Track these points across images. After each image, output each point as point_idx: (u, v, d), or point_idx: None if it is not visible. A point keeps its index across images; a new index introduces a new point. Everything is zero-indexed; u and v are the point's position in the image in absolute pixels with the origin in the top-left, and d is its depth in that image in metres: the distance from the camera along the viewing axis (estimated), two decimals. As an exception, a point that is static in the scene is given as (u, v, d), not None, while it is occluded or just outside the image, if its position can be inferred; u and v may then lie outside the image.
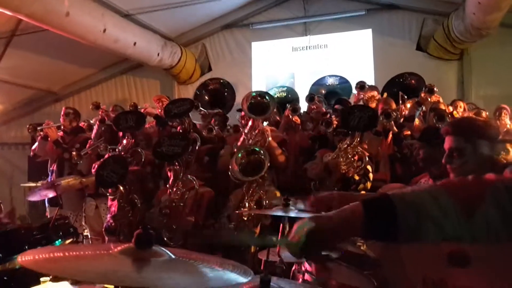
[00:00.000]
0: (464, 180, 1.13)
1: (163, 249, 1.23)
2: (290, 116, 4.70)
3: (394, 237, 1.07)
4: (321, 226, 1.11)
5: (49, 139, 5.23)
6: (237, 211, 3.57)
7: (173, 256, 1.22)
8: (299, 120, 4.82)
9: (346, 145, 3.66)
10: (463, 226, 1.05)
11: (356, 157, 3.65)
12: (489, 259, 1.40)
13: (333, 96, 6.64)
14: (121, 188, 3.85)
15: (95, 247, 1.53)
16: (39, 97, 8.73)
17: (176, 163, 3.71)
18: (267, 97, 3.97)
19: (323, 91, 6.96)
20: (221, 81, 7.37)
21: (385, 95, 5.71)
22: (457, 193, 1.08)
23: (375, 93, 5.36)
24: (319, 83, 7.16)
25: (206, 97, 7.24)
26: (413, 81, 6.40)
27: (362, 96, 5.41)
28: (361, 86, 5.52)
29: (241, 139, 4.05)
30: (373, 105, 5.15)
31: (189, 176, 3.72)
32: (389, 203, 1.08)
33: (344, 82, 7.03)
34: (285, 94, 7.27)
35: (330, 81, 7.15)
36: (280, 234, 2.67)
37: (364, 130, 3.69)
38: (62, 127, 5.52)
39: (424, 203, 1.07)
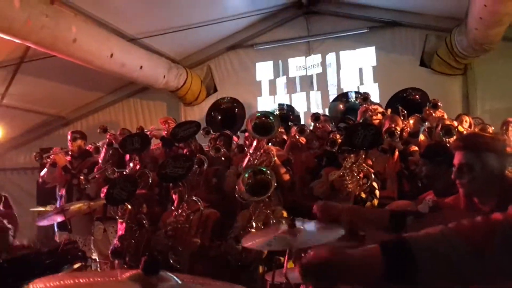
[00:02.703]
0: (474, 222, 1.16)
1: (171, 274, 1.25)
2: (297, 137, 4.72)
3: (413, 281, 1.09)
4: (339, 260, 1.13)
5: (57, 165, 5.28)
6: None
7: (179, 282, 1.24)
8: (305, 140, 4.83)
9: (351, 163, 3.67)
10: (476, 267, 1.08)
11: (361, 175, 3.65)
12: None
13: (353, 114, 6.59)
14: (129, 207, 3.87)
15: (104, 274, 1.55)
16: (48, 122, 8.84)
17: (181, 185, 3.73)
18: (271, 117, 3.99)
19: (342, 107, 6.92)
20: (233, 100, 7.43)
21: (389, 111, 5.71)
22: (468, 235, 1.11)
23: (378, 107, 5.36)
24: (340, 99, 7.10)
25: (219, 117, 7.30)
26: (417, 96, 6.39)
27: (366, 107, 5.39)
28: (364, 97, 5.52)
29: (246, 159, 4.07)
30: (377, 117, 5.15)
31: (193, 197, 3.73)
32: (406, 246, 1.10)
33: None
34: (284, 113, 7.27)
35: (352, 97, 7.00)
36: (287, 253, 2.67)
37: (368, 148, 3.70)
38: (70, 152, 5.57)
39: (440, 247, 1.10)
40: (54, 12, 4.86)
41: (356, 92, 7.06)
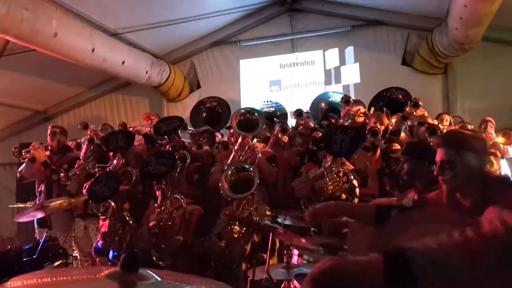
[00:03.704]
0: (469, 235, 1.24)
1: (150, 272, 1.24)
2: (280, 135, 4.74)
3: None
4: (342, 268, 1.20)
5: (36, 160, 5.20)
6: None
7: (159, 279, 1.24)
8: (287, 139, 4.86)
9: (330, 162, 3.70)
10: (472, 278, 1.17)
11: (341, 173, 3.68)
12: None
13: (334, 113, 6.66)
14: (113, 204, 3.83)
15: (83, 271, 1.53)
16: (28, 117, 8.71)
17: (163, 182, 3.71)
18: (256, 114, 3.99)
19: (324, 105, 6.99)
20: (217, 99, 7.48)
21: (372, 109, 5.77)
22: (464, 248, 1.20)
23: (361, 107, 5.41)
24: (321, 98, 7.21)
25: (204, 114, 7.32)
26: (400, 96, 6.48)
27: (348, 110, 5.46)
28: (346, 100, 5.58)
29: (231, 156, 4.06)
30: (360, 119, 5.20)
31: (176, 194, 3.71)
32: (406, 257, 1.18)
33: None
34: (273, 110, 7.35)
35: (333, 97, 7.17)
36: (269, 250, 2.69)
37: (347, 155, 3.71)
38: (49, 147, 5.48)
39: (437, 259, 1.18)
40: (34, 6, 4.77)
41: (334, 92, 7.21)
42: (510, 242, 1.19)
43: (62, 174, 4.91)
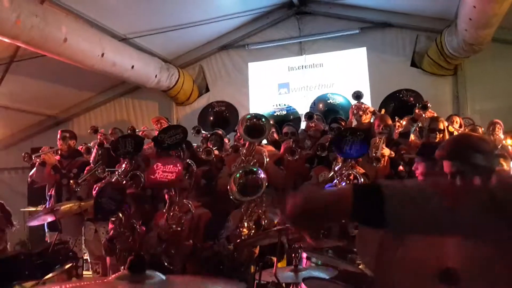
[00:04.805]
0: (451, 182, 1.25)
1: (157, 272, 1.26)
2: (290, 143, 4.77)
3: (380, 222, 1.14)
4: (313, 199, 1.23)
5: (46, 164, 5.25)
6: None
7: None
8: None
9: (339, 165, 3.70)
10: (443, 213, 1.13)
11: (351, 176, 3.67)
12: (479, 278, 1.42)
13: (332, 114, 6.63)
14: (121, 215, 3.82)
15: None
16: (39, 122, 8.79)
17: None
18: (262, 119, 3.99)
19: (321, 106, 6.98)
20: (226, 103, 7.51)
21: (382, 111, 5.74)
22: (443, 188, 1.19)
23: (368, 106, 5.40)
24: (320, 99, 7.18)
25: (211, 118, 7.35)
26: (411, 98, 6.42)
27: (356, 107, 5.43)
28: (357, 95, 5.57)
29: (239, 160, 4.07)
30: (366, 116, 5.19)
31: (184, 200, 3.72)
32: (377, 188, 1.16)
33: (346, 103, 6.78)
34: (285, 113, 7.33)
35: (332, 98, 7.12)
36: (277, 253, 2.69)
37: (357, 157, 3.71)
38: (59, 151, 5.53)
39: (410, 192, 1.16)
40: (44, 12, 4.84)
41: (334, 94, 7.19)
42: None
43: (72, 181, 4.94)
